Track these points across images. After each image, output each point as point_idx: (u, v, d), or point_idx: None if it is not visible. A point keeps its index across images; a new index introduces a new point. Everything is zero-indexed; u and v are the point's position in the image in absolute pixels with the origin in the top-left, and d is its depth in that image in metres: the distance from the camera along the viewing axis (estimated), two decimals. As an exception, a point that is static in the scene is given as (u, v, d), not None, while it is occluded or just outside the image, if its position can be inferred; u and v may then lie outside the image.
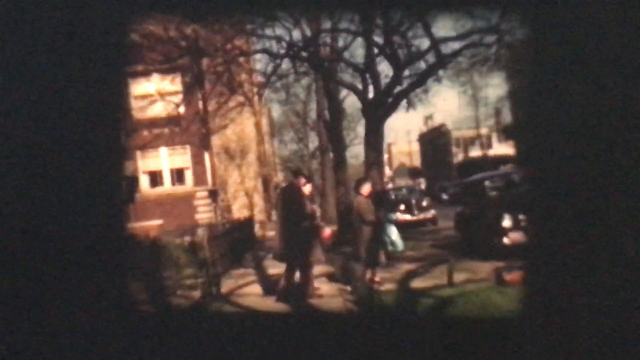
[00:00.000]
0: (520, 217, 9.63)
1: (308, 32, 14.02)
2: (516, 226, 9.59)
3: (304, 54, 14.50)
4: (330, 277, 9.92)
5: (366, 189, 9.18)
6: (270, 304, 8.35)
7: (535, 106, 2.59)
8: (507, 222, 9.69)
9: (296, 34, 14.52)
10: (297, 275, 8.72)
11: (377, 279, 9.10)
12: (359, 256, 9.27)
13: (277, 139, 31.82)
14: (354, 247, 9.59)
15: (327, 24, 14.14)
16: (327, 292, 8.87)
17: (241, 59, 15.30)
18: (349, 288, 8.97)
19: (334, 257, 12.67)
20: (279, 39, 14.17)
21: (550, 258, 2.53)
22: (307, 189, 9.09)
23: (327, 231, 9.26)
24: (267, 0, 3.48)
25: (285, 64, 15.50)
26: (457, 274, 8.85)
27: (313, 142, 26.98)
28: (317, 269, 10.23)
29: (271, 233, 21.57)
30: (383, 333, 3.59)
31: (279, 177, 37.49)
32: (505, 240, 9.54)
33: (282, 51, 14.41)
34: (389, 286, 8.97)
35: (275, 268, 11.60)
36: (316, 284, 8.93)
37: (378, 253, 9.28)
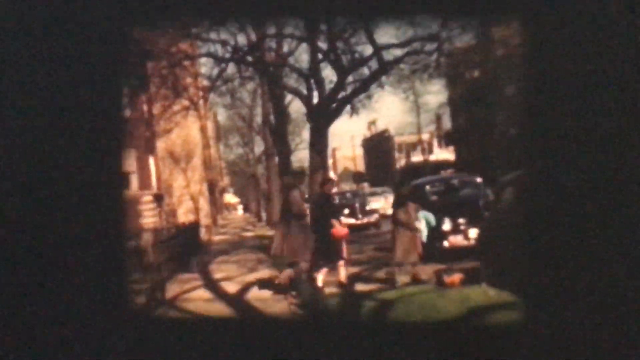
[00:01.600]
0: (460, 220, 9.80)
1: (253, 37, 13.95)
2: (456, 230, 9.75)
3: (249, 58, 14.42)
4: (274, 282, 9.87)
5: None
6: (216, 309, 8.25)
7: (536, 110, 2.59)
8: (447, 226, 9.83)
9: (241, 39, 14.44)
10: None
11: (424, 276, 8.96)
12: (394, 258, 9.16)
13: (222, 143, 31.49)
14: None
15: (272, 29, 14.11)
16: (271, 296, 8.82)
17: (186, 63, 15.08)
18: (293, 292, 8.93)
19: (279, 261, 12.64)
20: (224, 43, 14.05)
21: (549, 263, 2.54)
22: (330, 187, 9.36)
23: (341, 229, 9.11)
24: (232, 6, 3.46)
25: (231, 68, 15.39)
26: (399, 277, 8.93)
27: (259, 146, 26.80)
28: (263, 273, 10.25)
29: (217, 237, 21.34)
30: (328, 336, 3.55)
31: (225, 182, 37.15)
32: (445, 243, 9.69)
33: (228, 55, 14.30)
34: (333, 289, 8.98)
35: (221, 272, 11.47)
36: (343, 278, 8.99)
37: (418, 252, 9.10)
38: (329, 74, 29.66)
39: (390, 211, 10.50)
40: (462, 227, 9.69)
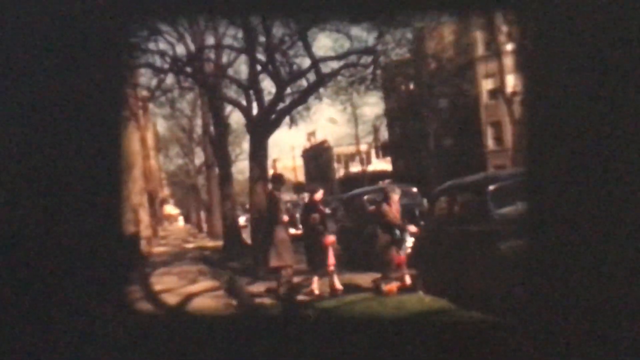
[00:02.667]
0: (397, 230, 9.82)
1: (192, 48, 13.77)
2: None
3: (188, 69, 14.20)
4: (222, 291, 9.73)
5: (395, 196, 8.93)
6: (156, 320, 8.00)
7: (536, 109, 2.56)
8: (383, 235, 9.84)
9: (180, 49, 14.23)
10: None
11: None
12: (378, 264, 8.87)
13: (162, 154, 30.97)
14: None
15: (210, 40, 13.96)
16: (212, 306, 8.63)
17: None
18: (234, 302, 8.77)
19: (219, 271, 12.43)
20: (162, 54, 13.79)
21: (548, 261, 2.50)
22: (319, 195, 9.16)
23: (331, 237, 8.99)
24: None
25: (170, 79, 15.13)
26: (339, 285, 8.89)
27: (199, 157, 26.51)
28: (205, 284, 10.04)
29: (158, 249, 20.87)
30: (269, 344, 3.54)
31: (165, 193, 36.48)
32: (383, 252, 9.68)
33: (166, 66, 14.04)
34: (273, 300, 8.86)
35: (162, 284, 11.18)
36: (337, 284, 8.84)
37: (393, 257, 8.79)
38: (267, 86, 29.59)
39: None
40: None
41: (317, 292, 8.76)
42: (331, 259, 8.89)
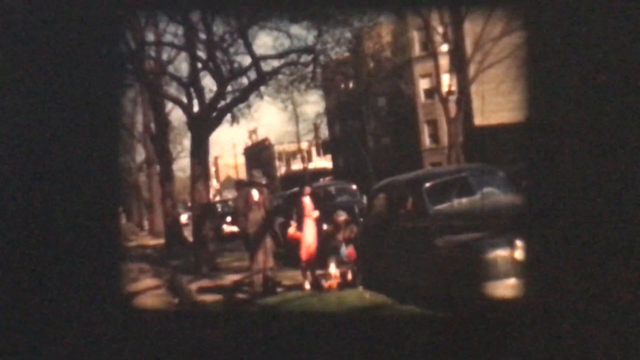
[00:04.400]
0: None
1: (132, 45, 13.41)
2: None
3: (128, 66, 13.84)
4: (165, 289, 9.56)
5: (342, 223, 8.75)
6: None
7: (537, 108, 2.52)
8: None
9: (120, 46, 13.82)
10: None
11: None
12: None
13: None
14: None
15: (151, 37, 13.68)
16: (154, 304, 8.45)
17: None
18: (176, 300, 8.60)
19: (161, 269, 12.19)
20: (101, 51, 13.39)
21: (550, 259, 2.47)
22: (307, 191, 9.03)
23: (295, 232, 8.86)
24: None
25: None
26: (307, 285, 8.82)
27: (140, 154, 25.95)
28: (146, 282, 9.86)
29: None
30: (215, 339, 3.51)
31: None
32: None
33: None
34: (215, 296, 8.73)
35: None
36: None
37: None
38: (208, 83, 29.20)
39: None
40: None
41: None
42: (302, 254, 8.71)
